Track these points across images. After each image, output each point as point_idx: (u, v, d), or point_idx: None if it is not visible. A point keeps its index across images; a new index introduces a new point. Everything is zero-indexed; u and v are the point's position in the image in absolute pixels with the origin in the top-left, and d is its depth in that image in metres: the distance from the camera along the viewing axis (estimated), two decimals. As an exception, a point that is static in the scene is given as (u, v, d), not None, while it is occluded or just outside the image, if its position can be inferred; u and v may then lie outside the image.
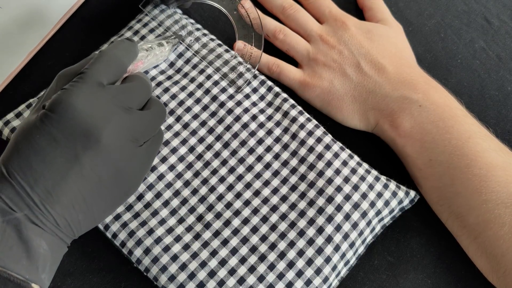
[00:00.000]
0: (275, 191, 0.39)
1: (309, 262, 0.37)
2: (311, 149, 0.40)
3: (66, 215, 0.29)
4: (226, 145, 0.41)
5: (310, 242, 0.37)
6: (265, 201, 0.39)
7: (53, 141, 0.29)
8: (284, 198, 0.39)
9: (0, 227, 0.27)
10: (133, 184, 0.34)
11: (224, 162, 0.40)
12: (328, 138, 0.41)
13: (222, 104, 0.42)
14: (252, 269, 0.36)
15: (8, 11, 0.46)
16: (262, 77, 0.44)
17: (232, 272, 0.36)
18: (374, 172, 0.40)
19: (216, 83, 0.43)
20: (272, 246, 0.37)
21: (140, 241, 0.37)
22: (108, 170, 0.31)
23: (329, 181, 0.39)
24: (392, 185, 0.40)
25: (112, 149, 0.30)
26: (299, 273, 0.36)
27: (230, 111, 0.42)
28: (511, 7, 0.50)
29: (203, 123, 0.42)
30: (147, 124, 0.33)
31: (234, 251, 0.37)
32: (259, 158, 0.41)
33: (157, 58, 0.41)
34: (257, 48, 0.44)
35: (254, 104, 0.43)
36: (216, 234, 0.38)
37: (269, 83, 0.44)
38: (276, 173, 0.40)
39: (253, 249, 0.37)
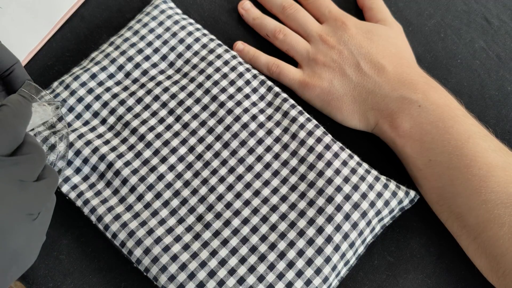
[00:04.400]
0: (275, 191, 0.39)
1: (309, 262, 0.37)
2: (311, 149, 0.40)
3: None
4: (226, 145, 0.41)
5: (310, 242, 0.37)
6: (265, 201, 0.39)
7: None
8: (284, 198, 0.39)
9: None
10: (31, 260, 0.31)
11: (224, 162, 0.40)
12: (328, 138, 0.41)
13: (222, 104, 0.42)
14: (252, 269, 0.36)
15: (8, 11, 0.46)
16: (262, 77, 0.44)
17: (232, 272, 0.36)
18: (374, 172, 0.40)
19: (216, 83, 0.43)
20: (272, 246, 0.37)
21: (140, 241, 0.37)
22: (5, 255, 0.28)
23: (329, 181, 0.39)
24: (392, 185, 0.40)
25: (5, 232, 0.27)
26: (299, 273, 0.36)
27: (230, 111, 0.42)
28: (511, 7, 0.50)
29: (203, 123, 0.42)
30: (42, 195, 0.30)
31: (234, 251, 0.37)
32: (259, 158, 0.41)
33: (41, 116, 0.37)
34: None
35: (254, 104, 0.43)
36: (216, 234, 0.38)
37: (269, 83, 0.44)
38: (276, 173, 0.40)
39: (253, 249, 0.37)
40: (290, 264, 0.37)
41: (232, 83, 0.43)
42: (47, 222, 0.32)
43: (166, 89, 0.43)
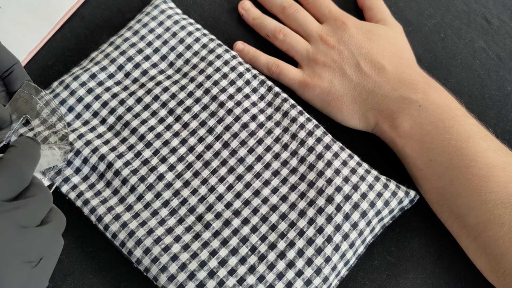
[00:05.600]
0: (275, 190, 0.39)
1: (309, 262, 0.37)
2: (311, 149, 0.40)
3: None
4: (225, 145, 0.41)
5: (310, 242, 0.37)
6: (265, 201, 0.39)
7: None
8: (284, 198, 0.39)
9: None
10: None
11: (223, 162, 0.40)
12: (328, 138, 0.41)
13: (222, 104, 0.42)
14: (252, 269, 0.36)
15: (8, 11, 0.46)
16: (262, 77, 0.44)
17: (232, 272, 0.36)
18: (374, 172, 0.40)
19: (216, 83, 0.43)
20: (272, 246, 0.37)
21: (139, 241, 0.37)
22: None
23: (329, 181, 0.39)
24: (392, 185, 0.40)
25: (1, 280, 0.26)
26: (299, 273, 0.36)
27: (230, 111, 0.42)
28: (511, 7, 0.50)
29: (203, 123, 0.42)
30: (44, 241, 0.29)
31: (234, 251, 0.37)
32: (259, 158, 0.41)
33: (48, 161, 0.37)
34: None
35: (254, 104, 0.43)
36: (216, 234, 0.38)
37: (269, 83, 0.44)
38: (276, 173, 0.40)
39: (253, 249, 0.37)
40: (290, 264, 0.37)
41: (232, 83, 0.43)
42: (51, 268, 0.30)
43: (166, 89, 0.43)
